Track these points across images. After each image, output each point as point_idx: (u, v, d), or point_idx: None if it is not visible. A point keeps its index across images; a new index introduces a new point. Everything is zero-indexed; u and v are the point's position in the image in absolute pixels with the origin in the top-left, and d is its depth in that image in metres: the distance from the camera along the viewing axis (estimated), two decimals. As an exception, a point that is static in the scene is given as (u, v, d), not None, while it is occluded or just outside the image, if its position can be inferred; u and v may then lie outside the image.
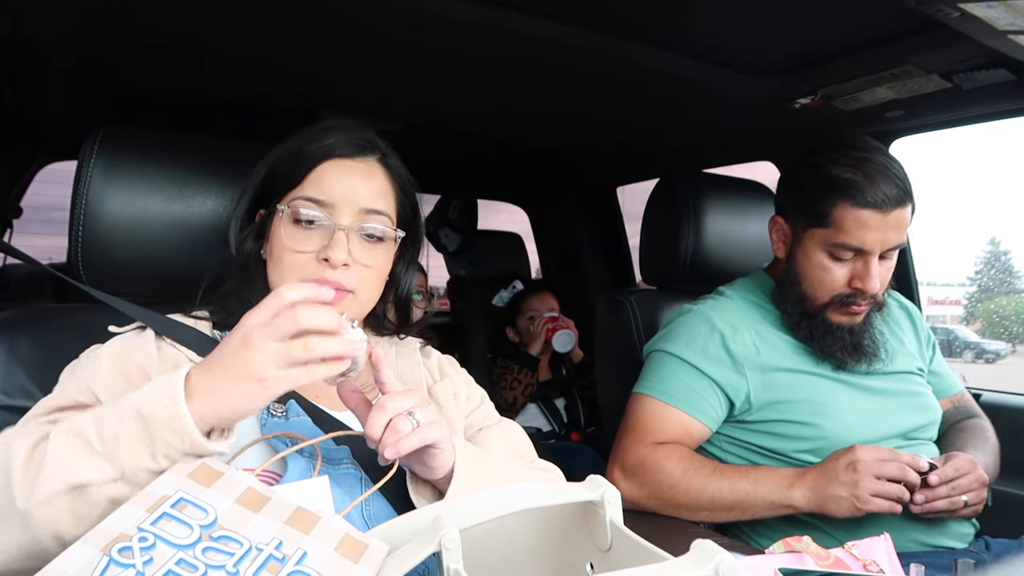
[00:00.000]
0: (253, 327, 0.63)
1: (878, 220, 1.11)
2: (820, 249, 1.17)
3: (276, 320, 0.62)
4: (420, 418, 0.70)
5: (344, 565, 0.56)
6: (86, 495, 0.62)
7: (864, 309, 1.19)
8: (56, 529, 0.62)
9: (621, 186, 2.53)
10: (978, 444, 1.24)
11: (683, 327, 1.27)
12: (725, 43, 1.23)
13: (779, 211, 1.28)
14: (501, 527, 0.61)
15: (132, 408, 0.63)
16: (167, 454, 0.62)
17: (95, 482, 0.62)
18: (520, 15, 1.12)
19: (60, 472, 0.62)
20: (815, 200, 1.16)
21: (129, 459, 0.62)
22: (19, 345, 0.93)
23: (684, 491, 1.14)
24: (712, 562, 0.50)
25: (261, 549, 0.56)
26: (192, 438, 0.62)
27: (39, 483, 0.62)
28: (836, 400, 1.19)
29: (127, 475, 0.62)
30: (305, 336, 0.62)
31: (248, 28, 1.18)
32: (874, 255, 1.14)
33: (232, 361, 0.63)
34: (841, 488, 1.06)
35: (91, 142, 0.98)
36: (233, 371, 0.62)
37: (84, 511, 0.62)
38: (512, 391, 2.33)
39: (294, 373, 0.62)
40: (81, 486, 0.62)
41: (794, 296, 1.22)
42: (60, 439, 0.64)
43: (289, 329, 0.62)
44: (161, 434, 0.62)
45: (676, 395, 1.21)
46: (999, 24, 0.94)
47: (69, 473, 0.62)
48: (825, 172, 1.15)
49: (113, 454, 0.62)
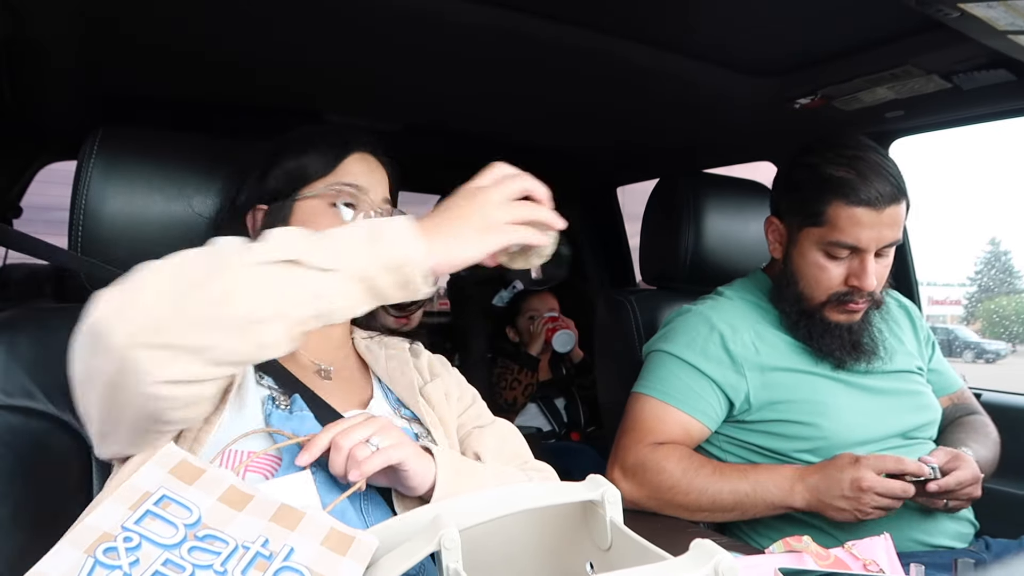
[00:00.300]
0: (483, 186, 0.70)
1: (872, 218, 1.12)
2: (816, 248, 1.18)
3: (505, 182, 0.71)
4: (379, 443, 0.72)
5: (332, 559, 0.56)
6: (295, 271, 0.62)
7: (862, 307, 1.19)
8: (257, 299, 0.61)
9: (621, 186, 2.53)
10: (979, 439, 1.24)
11: (682, 327, 1.27)
12: (725, 43, 1.23)
13: (774, 211, 1.29)
14: (501, 527, 0.61)
15: (365, 224, 0.67)
16: (385, 265, 0.63)
17: (309, 263, 0.62)
18: (520, 15, 1.12)
19: (279, 245, 0.63)
20: (809, 199, 1.17)
21: (348, 256, 0.63)
22: (19, 345, 0.93)
23: (684, 492, 1.14)
24: (712, 562, 0.50)
25: (248, 547, 0.56)
26: (416, 253, 0.64)
27: (257, 249, 0.63)
28: (835, 400, 1.19)
29: (343, 267, 0.63)
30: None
31: (248, 28, 1.18)
32: (870, 253, 1.14)
33: (467, 211, 0.68)
34: (844, 503, 1.07)
35: (91, 142, 0.98)
36: (467, 218, 0.68)
37: (289, 291, 0.62)
38: (512, 391, 2.33)
39: (519, 230, 0.69)
40: (294, 261, 0.62)
41: (791, 296, 1.22)
42: (279, 231, 0.66)
43: (516, 189, 0.70)
44: (386, 244, 0.64)
45: (676, 395, 1.21)
46: (999, 24, 0.94)
47: (288, 247, 0.62)
48: (819, 171, 1.16)
49: (334, 246, 0.64)
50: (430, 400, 0.92)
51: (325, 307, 0.63)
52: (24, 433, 0.90)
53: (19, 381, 0.91)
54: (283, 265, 0.62)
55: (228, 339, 0.61)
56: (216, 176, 1.03)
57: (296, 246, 0.63)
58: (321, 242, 0.64)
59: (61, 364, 0.93)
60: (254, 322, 0.61)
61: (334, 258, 0.63)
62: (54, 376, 0.92)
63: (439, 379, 0.97)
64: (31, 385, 0.92)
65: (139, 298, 0.60)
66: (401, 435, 0.75)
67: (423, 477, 0.74)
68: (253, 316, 0.61)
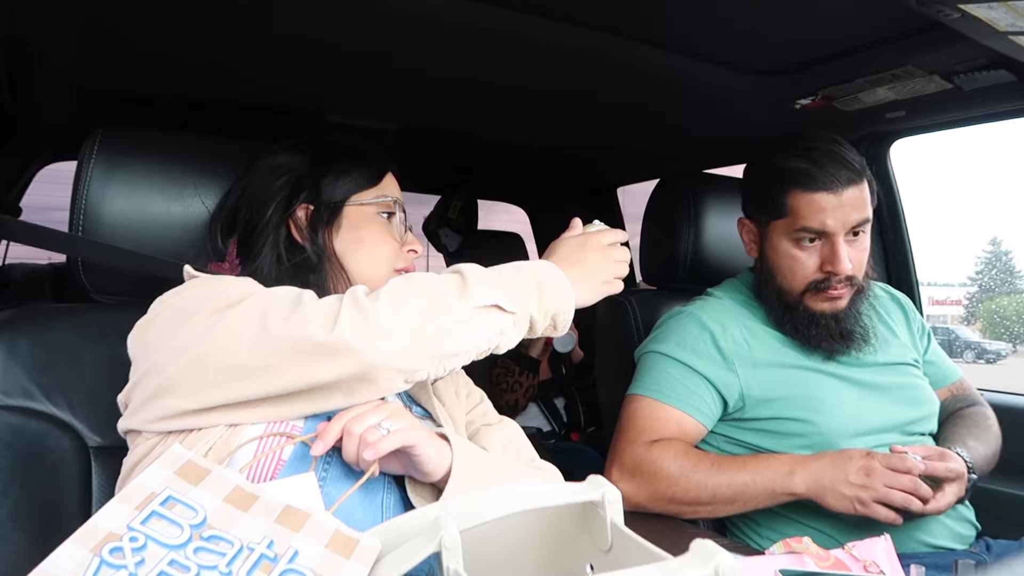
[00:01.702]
0: (598, 241, 0.88)
1: (832, 201, 1.15)
2: (785, 239, 1.21)
3: (616, 237, 0.90)
4: (391, 427, 0.73)
5: (336, 561, 0.56)
6: (492, 314, 0.77)
7: (842, 292, 1.20)
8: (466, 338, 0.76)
9: (621, 186, 2.54)
10: (979, 434, 1.24)
11: (673, 328, 1.28)
12: (726, 43, 1.23)
13: (745, 212, 1.32)
14: (501, 527, 0.61)
15: (527, 270, 0.81)
16: (546, 311, 0.80)
17: (504, 308, 0.77)
18: (520, 15, 1.12)
19: (483, 292, 0.76)
20: (771, 193, 1.21)
21: (523, 301, 0.78)
22: (19, 345, 0.93)
23: (684, 488, 1.14)
24: (712, 562, 0.50)
25: (252, 548, 0.56)
26: (569, 303, 0.82)
27: (469, 293, 0.75)
28: (829, 395, 1.20)
29: (520, 311, 0.78)
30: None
31: (248, 28, 1.18)
32: (838, 236, 1.16)
33: (592, 265, 0.86)
34: (847, 488, 1.06)
35: (91, 142, 0.98)
36: (592, 272, 0.86)
37: (486, 330, 0.77)
38: (513, 394, 2.33)
39: (619, 282, 0.89)
40: (496, 306, 0.76)
41: (773, 291, 1.25)
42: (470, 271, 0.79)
43: (622, 253, 0.90)
44: (549, 294, 0.80)
45: (670, 393, 1.21)
46: (1000, 25, 0.94)
47: (490, 293, 0.76)
48: (776, 165, 1.20)
49: (514, 291, 0.78)
50: (441, 397, 0.94)
51: (501, 342, 0.78)
52: (24, 433, 0.90)
53: (18, 381, 0.91)
54: (488, 309, 0.76)
55: (431, 365, 0.75)
56: (217, 176, 1.03)
57: (495, 292, 0.77)
58: (504, 287, 0.78)
59: (61, 364, 0.93)
60: (454, 354, 0.76)
61: (517, 302, 0.78)
62: (54, 376, 0.92)
63: (448, 377, 0.98)
64: (30, 385, 0.92)
65: (392, 330, 0.73)
66: (413, 419, 0.77)
67: (437, 462, 0.75)
68: (457, 349, 0.76)
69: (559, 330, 0.83)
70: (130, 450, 0.80)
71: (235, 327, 0.73)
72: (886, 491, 1.04)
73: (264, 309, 0.74)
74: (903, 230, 1.73)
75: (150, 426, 0.76)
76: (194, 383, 0.73)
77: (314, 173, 0.96)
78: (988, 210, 24.49)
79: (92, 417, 0.94)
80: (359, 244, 0.95)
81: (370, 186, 0.98)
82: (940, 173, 24.02)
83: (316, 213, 0.94)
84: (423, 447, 0.74)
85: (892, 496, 1.04)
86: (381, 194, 0.98)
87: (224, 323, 0.73)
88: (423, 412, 0.91)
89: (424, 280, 0.77)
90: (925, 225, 12.71)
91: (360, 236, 0.95)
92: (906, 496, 1.04)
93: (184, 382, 0.74)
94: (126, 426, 0.79)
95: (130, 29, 1.18)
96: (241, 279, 0.84)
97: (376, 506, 0.77)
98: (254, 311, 0.74)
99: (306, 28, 1.18)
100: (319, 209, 0.95)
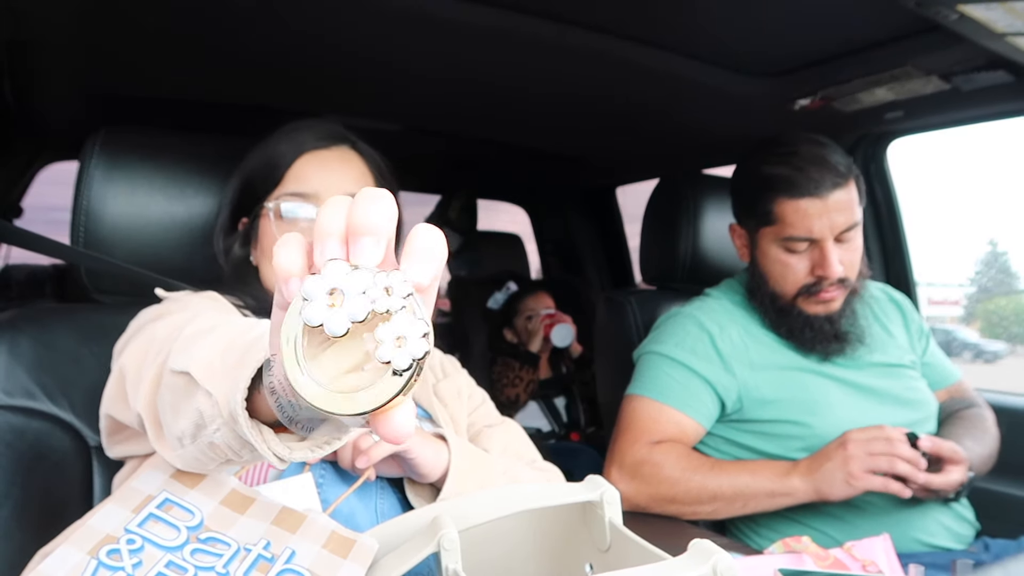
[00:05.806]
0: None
1: (818, 207, 1.15)
2: (775, 246, 1.21)
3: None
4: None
5: (333, 561, 0.57)
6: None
7: (835, 295, 1.20)
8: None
9: (621, 186, 2.54)
10: (976, 435, 1.23)
11: (671, 328, 1.28)
12: (726, 44, 1.23)
13: (736, 217, 1.33)
14: (500, 528, 0.62)
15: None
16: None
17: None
18: (520, 15, 1.12)
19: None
20: (757, 201, 1.21)
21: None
22: (20, 345, 0.93)
23: (685, 489, 1.14)
24: (710, 561, 0.50)
25: (249, 549, 0.56)
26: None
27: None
28: (826, 397, 1.20)
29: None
30: None
31: (249, 28, 1.18)
32: (827, 240, 1.16)
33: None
34: (832, 466, 1.06)
35: (92, 142, 0.98)
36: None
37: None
38: (514, 388, 2.34)
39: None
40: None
41: (766, 295, 1.25)
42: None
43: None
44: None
45: (669, 393, 1.21)
46: (998, 26, 0.94)
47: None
48: (759, 172, 1.20)
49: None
50: (443, 398, 0.94)
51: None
52: (25, 433, 0.90)
53: (20, 381, 0.92)
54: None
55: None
56: (218, 176, 1.03)
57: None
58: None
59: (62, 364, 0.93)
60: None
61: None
62: (55, 376, 0.92)
63: (450, 378, 0.99)
64: (32, 385, 0.92)
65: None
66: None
67: (433, 464, 0.75)
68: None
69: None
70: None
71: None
72: (866, 455, 1.04)
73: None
74: (901, 230, 1.73)
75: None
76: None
77: (238, 186, 0.92)
78: (986, 211, 24.48)
79: (93, 417, 0.93)
80: (262, 258, 0.88)
81: (274, 187, 0.87)
82: (939, 173, 24.03)
83: (249, 225, 0.91)
84: (416, 451, 0.74)
85: (876, 462, 1.04)
86: (280, 193, 0.86)
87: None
88: (424, 413, 0.92)
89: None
90: (924, 225, 12.78)
91: (262, 248, 0.88)
92: (889, 458, 1.04)
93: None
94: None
95: (131, 29, 1.18)
96: (199, 297, 0.82)
97: (371, 510, 0.77)
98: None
99: (306, 28, 1.18)
100: (251, 222, 0.91)
